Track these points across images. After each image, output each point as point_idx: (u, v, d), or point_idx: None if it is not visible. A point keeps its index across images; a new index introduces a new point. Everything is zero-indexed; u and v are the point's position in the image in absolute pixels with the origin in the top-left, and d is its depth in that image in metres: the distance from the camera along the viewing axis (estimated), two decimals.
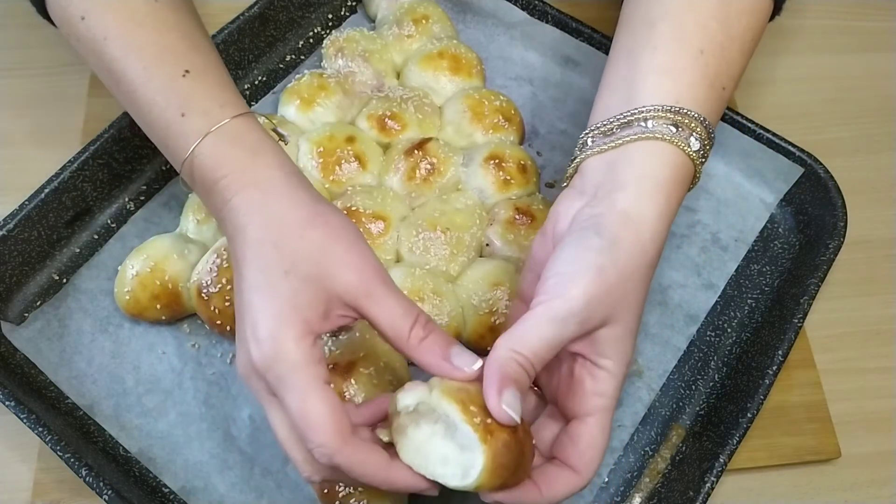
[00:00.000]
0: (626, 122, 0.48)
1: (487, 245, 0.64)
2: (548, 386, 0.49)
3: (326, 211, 0.47)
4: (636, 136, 0.47)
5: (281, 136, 0.62)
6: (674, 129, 0.47)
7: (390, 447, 0.44)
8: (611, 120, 0.48)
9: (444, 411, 0.42)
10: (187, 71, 0.50)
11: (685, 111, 0.48)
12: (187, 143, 0.48)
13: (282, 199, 0.47)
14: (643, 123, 0.47)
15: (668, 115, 0.47)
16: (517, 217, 0.64)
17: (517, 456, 0.42)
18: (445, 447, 0.42)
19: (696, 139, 0.48)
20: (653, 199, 0.46)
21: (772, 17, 0.55)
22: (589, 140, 0.49)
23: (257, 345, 0.43)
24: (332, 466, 0.43)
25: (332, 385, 0.44)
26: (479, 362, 0.44)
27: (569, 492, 0.45)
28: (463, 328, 0.60)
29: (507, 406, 0.41)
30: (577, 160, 0.50)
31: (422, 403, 0.43)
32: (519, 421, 0.42)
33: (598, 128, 0.49)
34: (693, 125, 0.47)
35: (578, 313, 0.43)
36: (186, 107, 0.49)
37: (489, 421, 0.41)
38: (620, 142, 0.48)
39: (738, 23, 0.51)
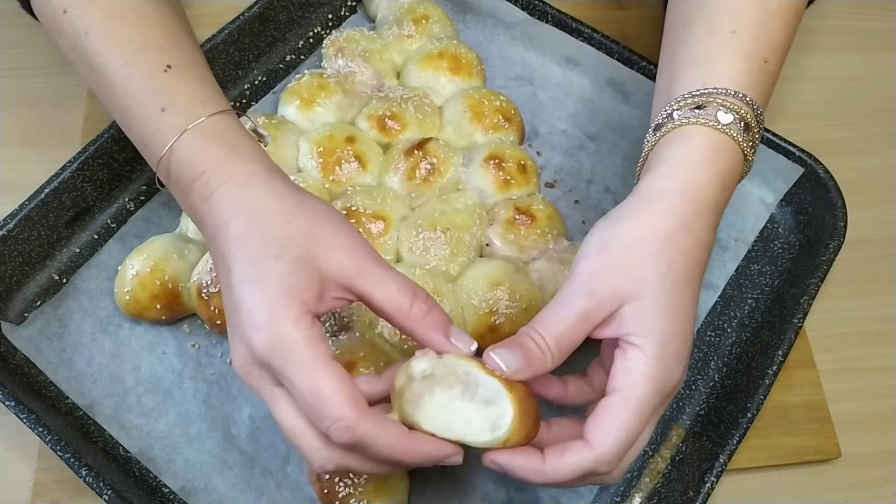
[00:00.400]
0: (659, 124, 0.50)
1: (487, 245, 0.64)
2: None
3: (309, 199, 0.47)
4: (665, 132, 0.49)
5: (261, 137, 0.62)
6: (697, 111, 0.48)
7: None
8: (652, 127, 0.50)
9: (464, 369, 0.43)
10: (169, 66, 0.49)
11: (708, 90, 0.48)
12: (165, 140, 0.48)
13: (262, 191, 0.46)
14: (671, 118, 0.49)
15: (691, 100, 0.49)
16: (517, 217, 0.63)
17: (535, 408, 0.44)
18: (466, 407, 0.43)
19: (727, 112, 0.48)
20: (668, 177, 0.47)
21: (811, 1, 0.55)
22: (644, 150, 0.51)
23: (257, 331, 0.42)
24: (350, 444, 0.42)
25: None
26: (475, 345, 0.45)
27: (577, 465, 0.43)
28: (463, 328, 0.60)
29: (494, 353, 0.43)
30: (637, 172, 0.52)
31: (437, 366, 0.43)
32: (503, 368, 0.43)
33: (648, 139, 0.51)
34: (720, 100, 0.48)
35: (581, 286, 0.45)
36: (167, 102, 0.49)
37: (505, 377, 0.43)
38: (655, 142, 0.50)
39: None
